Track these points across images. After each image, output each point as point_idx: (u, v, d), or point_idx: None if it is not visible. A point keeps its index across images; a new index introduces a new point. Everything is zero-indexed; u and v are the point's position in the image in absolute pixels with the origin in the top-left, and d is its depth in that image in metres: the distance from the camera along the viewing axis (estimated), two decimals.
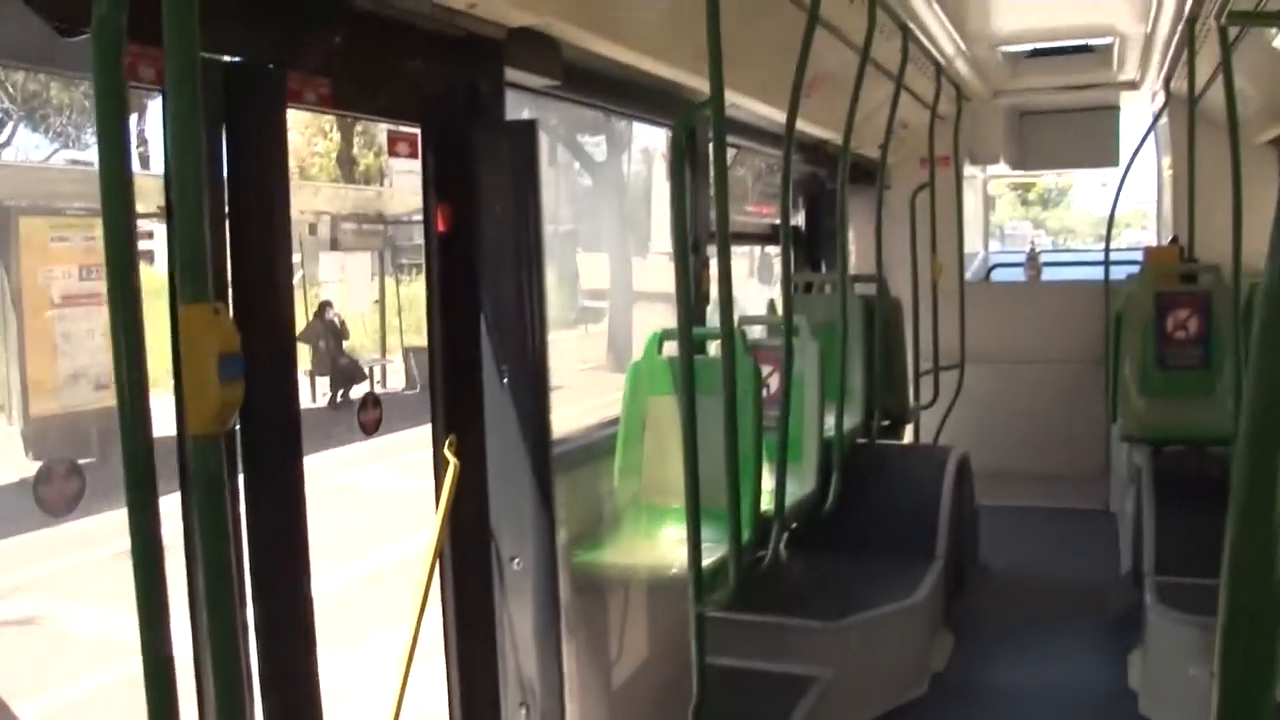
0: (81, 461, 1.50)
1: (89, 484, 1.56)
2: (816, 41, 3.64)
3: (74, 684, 5.09)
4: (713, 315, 4.25)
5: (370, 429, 2.84)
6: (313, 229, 17.76)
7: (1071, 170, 10.04)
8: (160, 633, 1.51)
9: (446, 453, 2.92)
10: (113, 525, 1.61)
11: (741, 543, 3.29)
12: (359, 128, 28.73)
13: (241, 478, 2.13)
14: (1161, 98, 6.75)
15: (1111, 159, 7.76)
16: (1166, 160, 7.48)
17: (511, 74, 3.01)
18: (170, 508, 1.64)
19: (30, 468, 9.51)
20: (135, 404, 1.48)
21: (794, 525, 4.65)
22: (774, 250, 6.46)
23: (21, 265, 10.08)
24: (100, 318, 1.76)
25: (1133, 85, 7.01)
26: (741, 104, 4.43)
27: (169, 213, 1.53)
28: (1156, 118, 6.95)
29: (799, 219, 6.61)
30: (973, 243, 8.49)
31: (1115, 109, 7.74)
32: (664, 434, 3.80)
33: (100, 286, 1.57)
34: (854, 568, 4.85)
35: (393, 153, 2.88)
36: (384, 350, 16.85)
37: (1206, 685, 3.22)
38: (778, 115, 4.30)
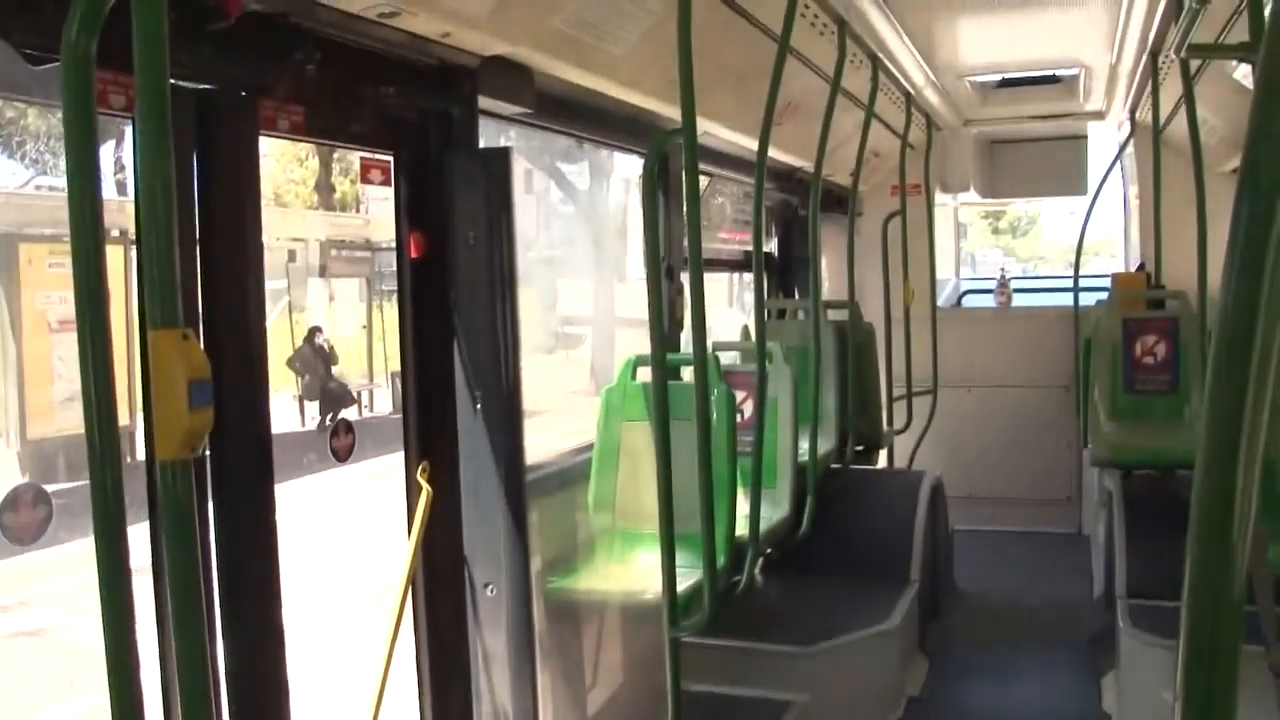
0: (78, 484, 1.51)
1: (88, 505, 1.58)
2: (787, 70, 3.69)
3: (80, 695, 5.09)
4: (687, 341, 4.26)
5: (343, 455, 2.82)
6: (292, 255, 17.77)
7: (1040, 199, 10.14)
8: (127, 661, 1.51)
9: (420, 479, 2.92)
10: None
11: (716, 568, 3.29)
12: (336, 154, 28.78)
13: (211, 504, 2.12)
14: (1127, 127, 6.85)
15: (1080, 187, 7.86)
16: (1133, 189, 7.59)
17: (485, 102, 3.03)
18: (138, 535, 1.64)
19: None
20: (104, 432, 1.48)
21: (769, 550, 4.66)
22: (749, 277, 6.49)
23: (20, 290, 10.07)
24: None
25: (1099, 115, 7.11)
26: (714, 131, 4.47)
27: (138, 238, 1.53)
28: (1123, 147, 7.05)
29: (772, 245, 6.65)
30: (944, 269, 8.56)
31: (1083, 138, 7.85)
32: (638, 459, 3.80)
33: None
34: (828, 592, 4.85)
35: (365, 180, 2.89)
36: (371, 375, 16.82)
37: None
38: (750, 143, 4.35)
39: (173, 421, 1.52)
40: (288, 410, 16.48)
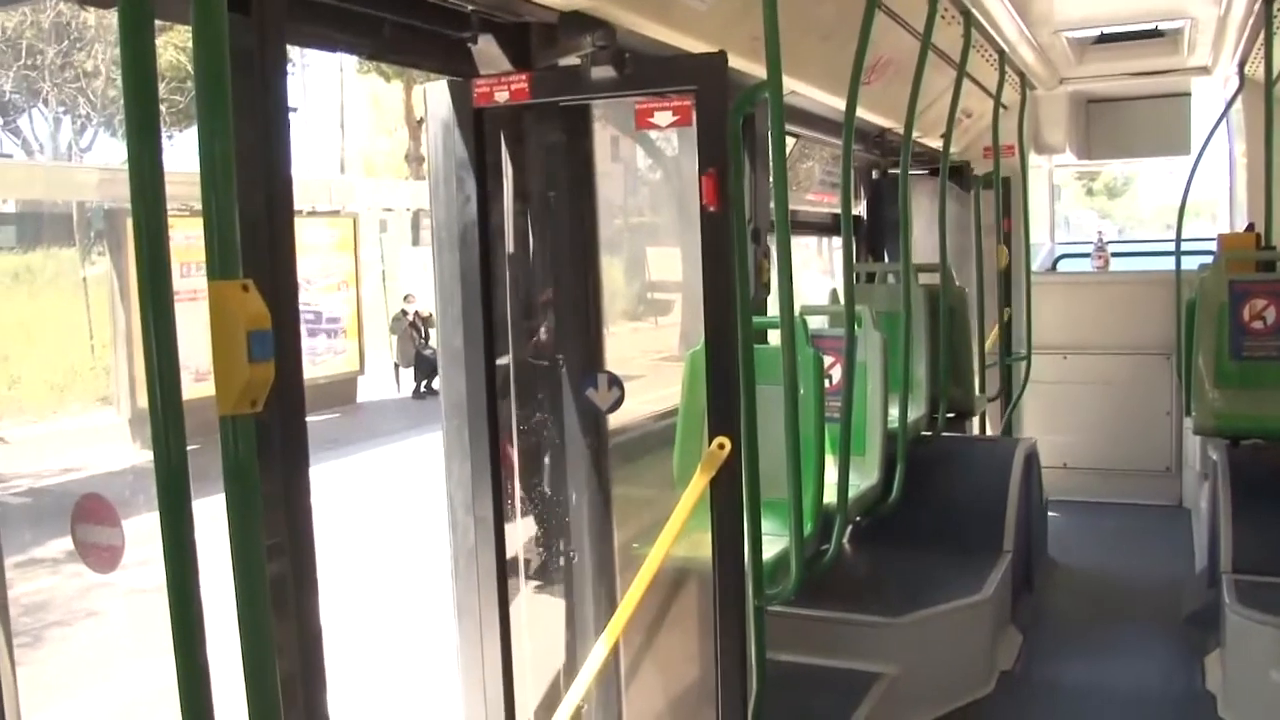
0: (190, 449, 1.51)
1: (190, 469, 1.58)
2: (876, 27, 3.57)
3: None
4: (774, 305, 4.18)
5: None
6: (384, 225, 18.10)
7: (1140, 160, 9.79)
8: (194, 636, 1.50)
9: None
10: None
11: (803, 536, 3.23)
12: (424, 125, 29.15)
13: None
14: (1235, 82, 6.55)
15: (1183, 147, 7.56)
16: (1240, 146, 7.26)
17: (567, 60, 2.98)
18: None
19: (139, 455, 9.86)
20: (168, 402, 1.46)
21: (857, 518, 4.59)
22: (837, 241, 6.38)
23: (128, 264, 10.46)
24: (197, 313, 1.75)
25: (1204, 70, 6.81)
26: (800, 90, 4.37)
27: (203, 191, 1.51)
28: (1230, 103, 6.74)
29: (861, 208, 6.52)
30: (1038, 233, 8.32)
31: (1186, 95, 7.54)
32: None
33: (198, 283, 1.56)
34: (918, 562, 4.76)
35: (645, 126, 2.79)
36: None
37: None
38: (837, 102, 4.24)
39: (232, 374, 1.51)
40: (385, 377, 16.86)
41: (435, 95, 2.94)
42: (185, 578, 1.49)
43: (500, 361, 3.06)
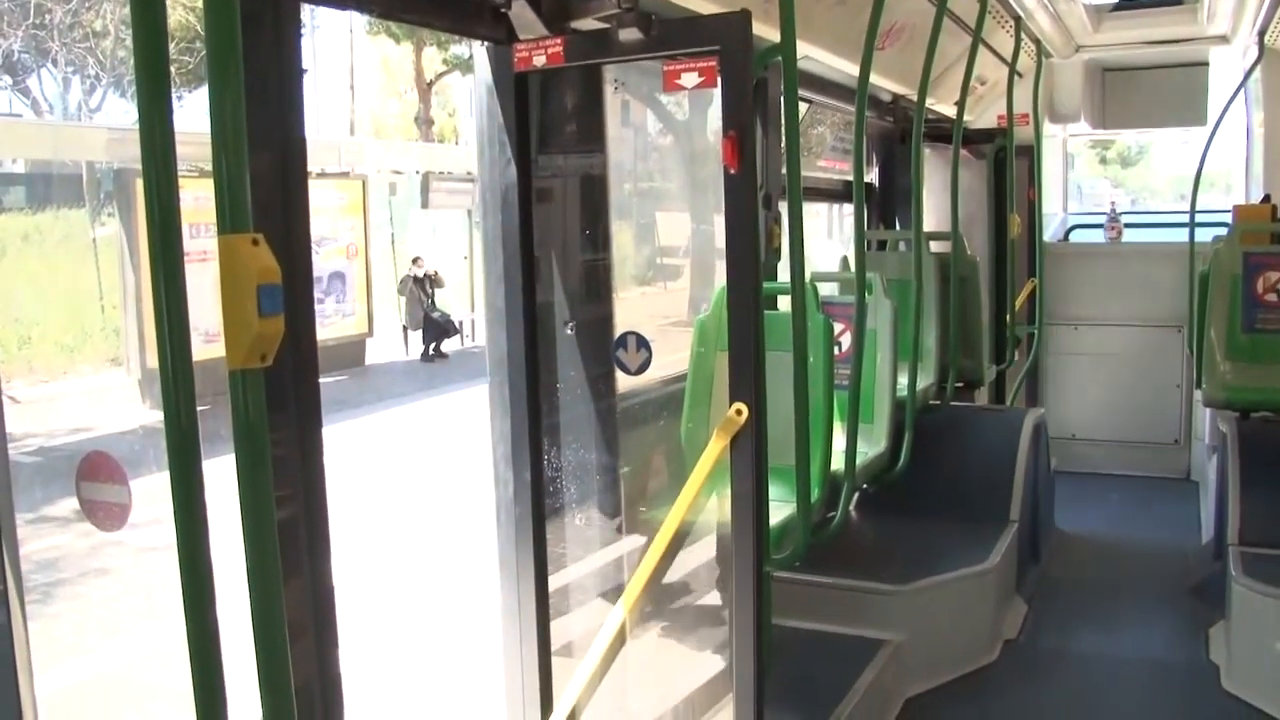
0: (201, 409, 1.51)
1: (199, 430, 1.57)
2: None
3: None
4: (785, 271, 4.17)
5: None
6: (393, 189, 18.04)
7: (1155, 130, 9.69)
8: (204, 595, 1.50)
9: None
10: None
11: (810, 502, 3.24)
12: (435, 88, 29.00)
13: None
14: (1254, 51, 6.47)
15: (1199, 117, 7.47)
16: (1258, 116, 7.19)
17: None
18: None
19: (148, 415, 9.90)
20: (178, 366, 1.45)
21: (865, 486, 4.59)
22: (848, 209, 6.35)
23: (138, 225, 10.45)
24: (207, 274, 1.74)
25: (1223, 39, 6.73)
26: (814, 55, 4.33)
27: (213, 144, 1.50)
28: (1249, 72, 6.67)
29: (873, 175, 6.48)
30: (1051, 203, 8.25)
31: (1204, 65, 7.45)
32: None
33: (207, 244, 1.55)
34: (925, 531, 4.77)
35: (673, 87, 2.79)
36: (473, 305, 17.10)
37: None
38: (850, 68, 4.20)
39: (242, 328, 1.50)
40: (393, 339, 16.88)
41: (481, 60, 2.96)
42: (195, 537, 1.49)
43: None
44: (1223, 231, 6.08)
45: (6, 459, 1.87)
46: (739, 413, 2.72)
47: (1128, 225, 8.46)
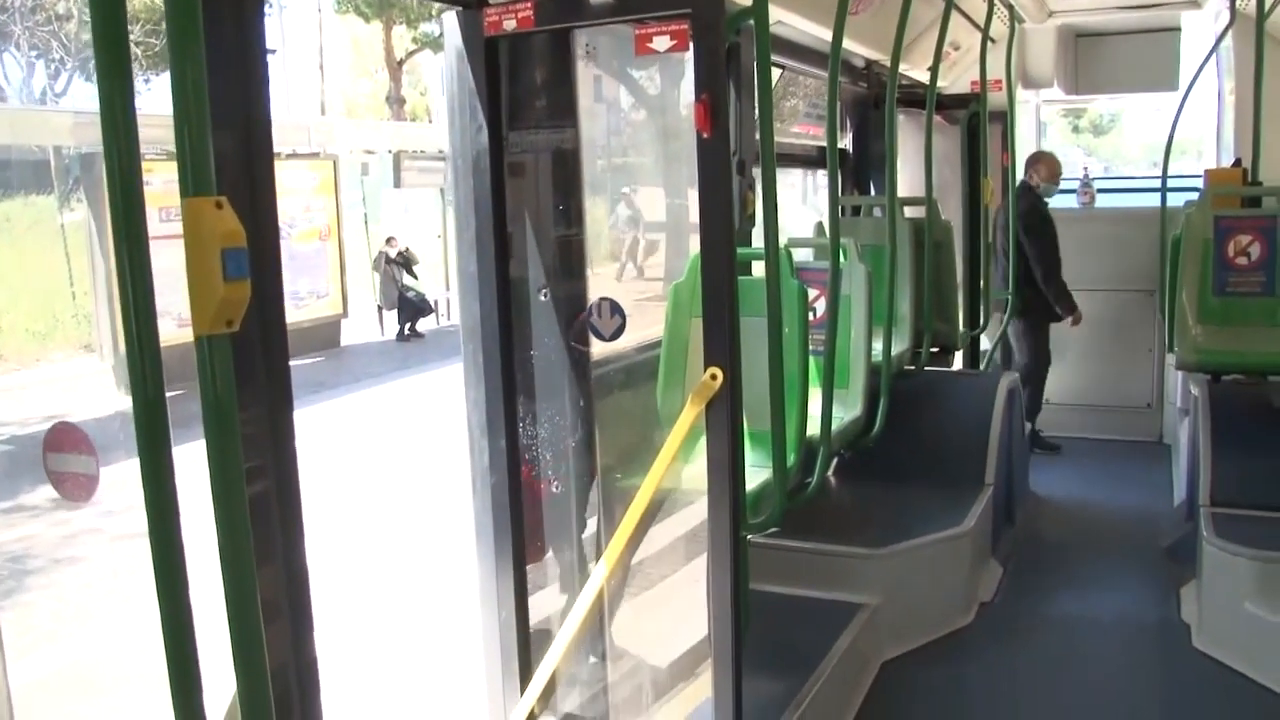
0: (174, 394, 1.49)
1: (170, 415, 1.55)
2: None
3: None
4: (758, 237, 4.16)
5: None
6: (365, 169, 17.91)
7: (1128, 95, 9.71)
8: (177, 577, 1.50)
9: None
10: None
11: (786, 467, 3.24)
12: (406, 67, 28.75)
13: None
14: (1226, 16, 6.48)
15: (1171, 82, 7.50)
16: (1229, 82, 7.21)
17: None
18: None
19: (122, 401, 9.85)
20: (145, 346, 1.45)
21: (840, 451, 4.61)
22: (822, 176, 6.33)
23: (106, 210, 10.33)
24: (176, 258, 1.71)
25: (1194, 3, 6.74)
26: (786, 20, 4.31)
27: (175, 109, 1.48)
28: (1220, 38, 6.69)
29: (847, 142, 6.47)
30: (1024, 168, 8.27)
31: (1176, 30, 7.46)
32: None
33: (178, 227, 1.53)
34: (901, 495, 4.79)
35: (644, 51, 2.77)
36: (448, 284, 17.01)
37: (1262, 620, 3.14)
38: (823, 33, 4.18)
39: (207, 293, 1.49)
40: (368, 320, 16.79)
41: (451, 25, 2.93)
42: (166, 518, 1.49)
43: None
44: (1194, 196, 6.11)
45: None
46: (714, 377, 2.71)
47: (1100, 191, 8.50)
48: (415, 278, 16.92)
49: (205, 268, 1.49)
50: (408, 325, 16.81)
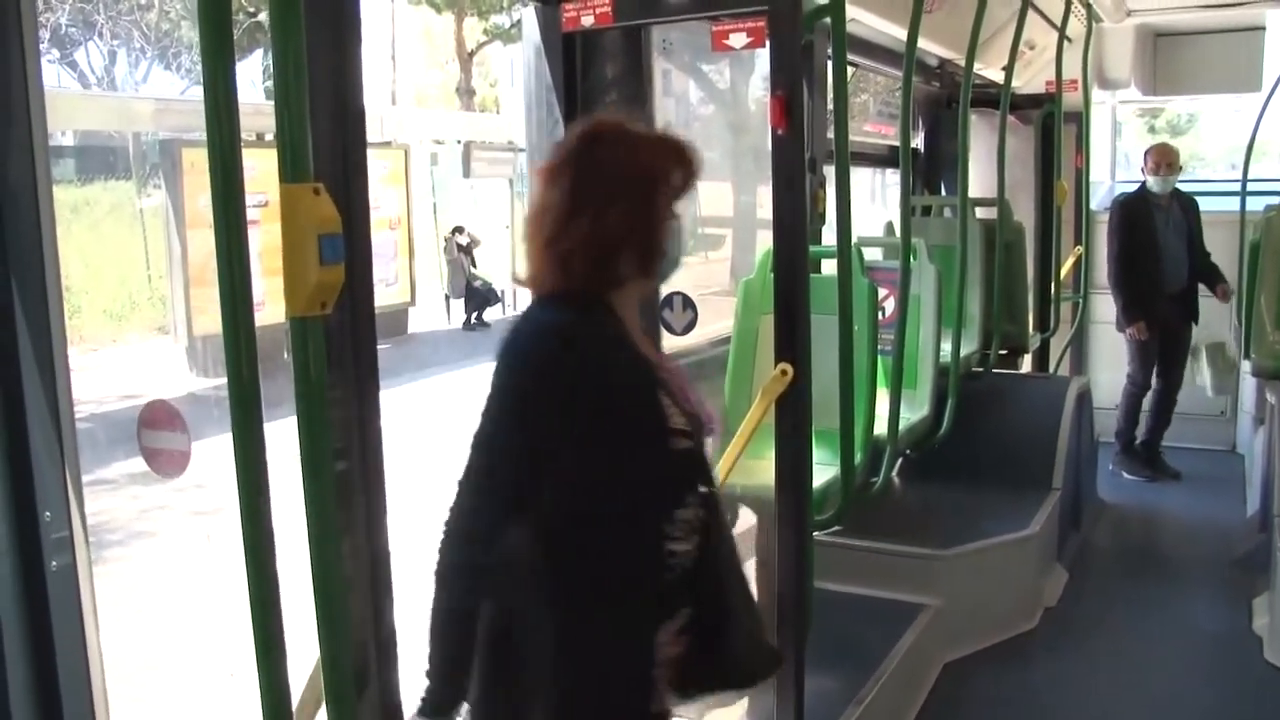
0: None
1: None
2: None
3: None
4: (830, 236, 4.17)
5: None
6: (435, 159, 18.10)
7: (1208, 96, 9.48)
8: (265, 552, 1.55)
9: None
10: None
11: (853, 466, 3.25)
12: (476, 59, 28.98)
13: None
14: None
15: (1255, 82, 7.31)
16: None
17: None
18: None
19: (195, 382, 10.07)
20: (241, 327, 1.49)
21: (907, 451, 4.59)
22: (892, 176, 6.31)
23: (184, 194, 10.58)
24: (253, 245, 1.75)
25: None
26: (861, 18, 4.30)
27: (275, 96, 1.53)
28: None
29: (919, 141, 6.42)
30: (1099, 170, 8.13)
31: (1260, 29, 7.29)
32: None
33: (255, 213, 1.58)
34: (967, 497, 4.76)
35: (721, 47, 2.80)
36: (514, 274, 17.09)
37: None
38: (898, 31, 4.17)
39: (302, 277, 1.53)
40: (436, 309, 16.98)
41: (529, 20, 2.97)
42: (256, 494, 1.54)
43: None
44: (1274, 200, 5.98)
45: (73, 417, 1.92)
46: (784, 373, 2.72)
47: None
48: (475, 265, 17.05)
49: (302, 252, 1.53)
50: (474, 314, 16.95)
